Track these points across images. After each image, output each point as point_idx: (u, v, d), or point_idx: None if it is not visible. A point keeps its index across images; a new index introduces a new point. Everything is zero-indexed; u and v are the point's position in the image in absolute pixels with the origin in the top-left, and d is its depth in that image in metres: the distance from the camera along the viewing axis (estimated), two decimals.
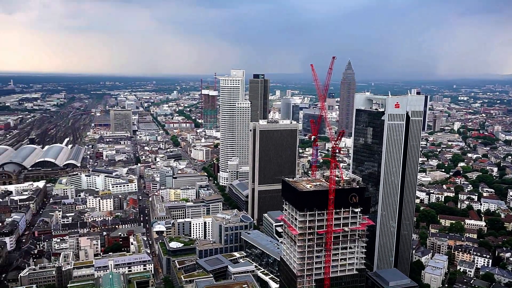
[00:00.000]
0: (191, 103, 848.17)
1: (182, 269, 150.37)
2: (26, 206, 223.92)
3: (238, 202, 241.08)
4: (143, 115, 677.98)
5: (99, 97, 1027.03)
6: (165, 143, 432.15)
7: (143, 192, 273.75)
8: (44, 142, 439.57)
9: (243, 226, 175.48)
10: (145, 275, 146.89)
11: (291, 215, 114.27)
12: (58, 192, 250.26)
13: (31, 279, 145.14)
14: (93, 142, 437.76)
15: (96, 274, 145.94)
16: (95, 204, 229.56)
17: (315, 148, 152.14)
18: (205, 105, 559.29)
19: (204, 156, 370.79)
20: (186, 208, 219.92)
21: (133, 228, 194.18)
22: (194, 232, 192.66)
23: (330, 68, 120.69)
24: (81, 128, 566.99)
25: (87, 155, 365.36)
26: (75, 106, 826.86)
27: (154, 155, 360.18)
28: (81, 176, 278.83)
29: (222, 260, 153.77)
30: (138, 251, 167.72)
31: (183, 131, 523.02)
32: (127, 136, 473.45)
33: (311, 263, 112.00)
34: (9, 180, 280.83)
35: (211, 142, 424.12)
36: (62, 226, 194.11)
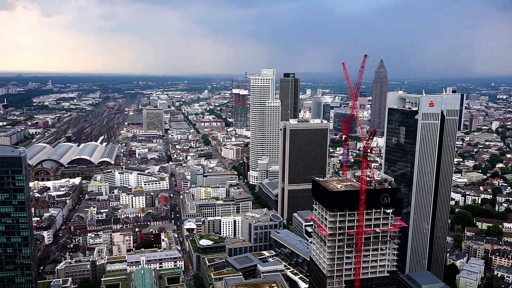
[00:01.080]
0: (222, 102, 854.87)
1: (212, 266, 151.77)
2: (63, 202, 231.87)
3: (268, 201, 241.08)
4: (174, 114, 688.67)
5: (132, 96, 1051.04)
6: (196, 142, 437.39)
7: (174, 190, 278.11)
8: (80, 140, 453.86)
9: (273, 225, 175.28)
10: (175, 272, 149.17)
11: (321, 215, 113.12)
12: (93, 189, 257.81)
13: (67, 272, 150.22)
14: (126, 140, 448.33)
15: (128, 269, 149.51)
16: (128, 201, 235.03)
17: (346, 148, 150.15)
18: (236, 104, 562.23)
19: (234, 155, 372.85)
20: (216, 207, 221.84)
21: (164, 225, 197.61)
22: (223, 230, 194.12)
23: (362, 66, 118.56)
24: (115, 126, 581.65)
25: (121, 153, 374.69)
26: (110, 105, 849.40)
27: (185, 154, 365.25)
28: (115, 173, 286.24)
29: (252, 258, 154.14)
30: (169, 247, 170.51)
31: (213, 130, 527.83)
32: (159, 134, 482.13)
33: (341, 264, 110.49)
34: (47, 177, 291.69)
35: (241, 141, 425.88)
36: (97, 221, 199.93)
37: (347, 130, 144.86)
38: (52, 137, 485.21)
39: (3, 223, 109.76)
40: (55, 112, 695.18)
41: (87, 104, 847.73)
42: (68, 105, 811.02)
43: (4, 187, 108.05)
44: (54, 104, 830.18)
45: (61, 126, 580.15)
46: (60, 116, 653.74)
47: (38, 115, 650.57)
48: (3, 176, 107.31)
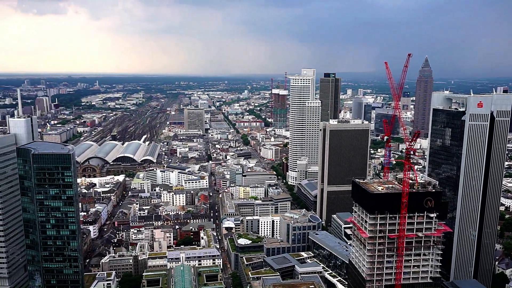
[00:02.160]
0: (262, 102, 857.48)
1: (250, 265, 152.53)
2: (108, 198, 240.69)
3: (307, 202, 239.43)
4: (215, 114, 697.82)
5: (174, 96, 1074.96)
6: (235, 142, 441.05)
7: (213, 188, 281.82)
8: (124, 138, 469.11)
9: (311, 226, 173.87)
10: (214, 269, 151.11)
11: (361, 217, 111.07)
12: (135, 186, 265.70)
13: (111, 265, 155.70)
14: (168, 139, 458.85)
15: (168, 265, 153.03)
16: (169, 199, 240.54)
17: (388, 149, 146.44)
18: (275, 104, 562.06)
19: (273, 155, 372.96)
20: (254, 206, 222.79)
21: (204, 223, 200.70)
22: (262, 230, 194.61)
23: (406, 65, 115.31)
24: (157, 126, 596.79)
25: (162, 152, 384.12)
26: (152, 105, 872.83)
27: (225, 153, 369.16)
28: (157, 171, 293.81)
29: (290, 259, 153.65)
30: (208, 245, 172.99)
31: (253, 130, 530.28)
32: (199, 134, 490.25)
33: (381, 268, 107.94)
34: (93, 173, 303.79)
35: (281, 141, 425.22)
36: (139, 218, 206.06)
37: (389, 131, 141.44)
38: (98, 136, 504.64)
39: (54, 216, 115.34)
40: (102, 112, 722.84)
41: (131, 104, 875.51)
42: (114, 105, 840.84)
43: (55, 183, 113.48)
44: (101, 103, 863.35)
45: (107, 125, 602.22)
46: (106, 115, 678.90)
47: (86, 114, 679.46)
48: (54, 172, 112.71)
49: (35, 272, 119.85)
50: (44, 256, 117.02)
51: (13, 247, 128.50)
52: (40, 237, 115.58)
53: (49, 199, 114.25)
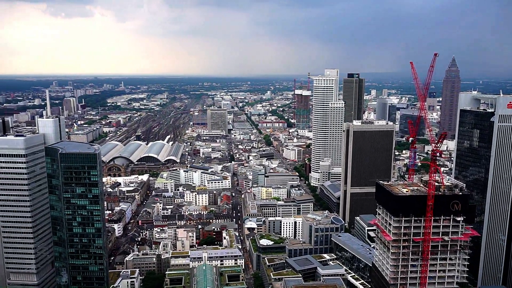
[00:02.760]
0: (284, 103, 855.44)
1: (272, 266, 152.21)
2: (132, 197, 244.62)
3: (329, 204, 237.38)
4: (237, 115, 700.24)
5: (197, 97, 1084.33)
6: (258, 142, 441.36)
7: (236, 189, 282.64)
8: (148, 138, 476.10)
9: (334, 228, 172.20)
10: (236, 269, 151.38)
11: (384, 219, 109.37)
12: (159, 186, 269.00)
13: (135, 263, 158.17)
14: (191, 139, 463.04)
15: (191, 264, 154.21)
16: (192, 199, 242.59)
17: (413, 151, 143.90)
18: (298, 105, 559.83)
19: (296, 156, 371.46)
20: (277, 207, 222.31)
21: (226, 223, 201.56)
22: (284, 231, 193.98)
23: (432, 65, 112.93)
24: (181, 126, 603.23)
25: (186, 152, 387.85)
26: (176, 105, 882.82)
27: (248, 154, 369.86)
28: (180, 171, 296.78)
29: (312, 261, 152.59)
30: (230, 245, 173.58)
31: (275, 130, 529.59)
32: (222, 134, 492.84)
33: (406, 271, 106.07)
34: (118, 173, 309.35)
35: (303, 142, 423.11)
36: (162, 217, 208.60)
37: (414, 132, 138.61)
38: (123, 136, 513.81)
39: (80, 214, 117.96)
40: (127, 112, 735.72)
41: (156, 104, 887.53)
42: (138, 105, 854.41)
43: (81, 181, 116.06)
44: (126, 104, 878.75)
45: (131, 125, 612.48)
46: (131, 116, 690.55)
47: (111, 114, 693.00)
48: (80, 171, 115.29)
49: (62, 269, 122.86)
50: (71, 253, 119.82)
51: (41, 243, 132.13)
52: (67, 235, 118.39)
53: (76, 197, 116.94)
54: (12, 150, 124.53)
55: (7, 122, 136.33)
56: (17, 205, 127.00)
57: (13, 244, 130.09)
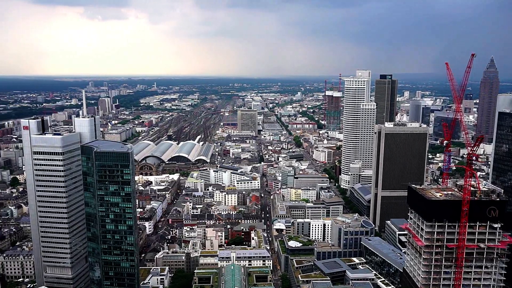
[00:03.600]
0: (315, 104, 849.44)
1: (300, 268, 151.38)
2: (163, 196, 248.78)
3: (359, 207, 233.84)
4: (267, 116, 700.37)
5: (228, 98, 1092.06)
6: (287, 143, 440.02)
7: (265, 190, 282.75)
8: (180, 138, 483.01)
9: (364, 231, 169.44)
10: (264, 270, 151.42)
11: (416, 224, 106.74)
12: (189, 185, 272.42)
13: (165, 261, 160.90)
14: (221, 140, 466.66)
15: (219, 264, 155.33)
16: (221, 198, 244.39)
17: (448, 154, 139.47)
18: (329, 106, 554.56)
19: (326, 157, 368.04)
20: (306, 209, 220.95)
21: (255, 224, 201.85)
22: (313, 233, 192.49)
23: (469, 66, 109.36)
24: (211, 126, 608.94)
25: (216, 152, 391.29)
26: (207, 106, 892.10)
27: (277, 155, 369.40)
28: (210, 171, 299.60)
29: (340, 264, 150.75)
30: (258, 246, 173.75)
31: (305, 132, 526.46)
32: (252, 135, 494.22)
33: (438, 278, 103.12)
34: (150, 172, 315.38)
35: (334, 144, 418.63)
36: (192, 216, 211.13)
37: (449, 135, 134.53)
38: (155, 135, 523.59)
39: (113, 212, 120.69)
40: (159, 112, 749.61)
41: (187, 105, 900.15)
42: (170, 106, 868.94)
43: (114, 180, 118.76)
44: (158, 104, 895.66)
45: (163, 125, 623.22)
46: (162, 116, 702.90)
47: (144, 114, 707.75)
48: (114, 170, 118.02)
49: (95, 264, 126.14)
50: (103, 249, 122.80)
51: (76, 239, 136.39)
52: (100, 231, 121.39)
53: (109, 195, 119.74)
54: (50, 148, 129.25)
55: (46, 121, 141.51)
56: (54, 201, 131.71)
57: (50, 238, 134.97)
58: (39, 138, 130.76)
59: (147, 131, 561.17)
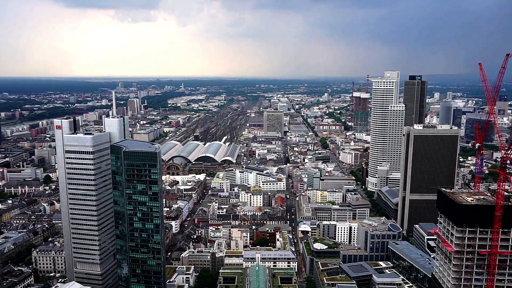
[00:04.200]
0: (342, 106, 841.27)
1: (325, 271, 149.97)
2: (189, 195, 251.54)
3: (387, 210, 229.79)
4: (294, 117, 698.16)
5: (254, 99, 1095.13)
6: (313, 145, 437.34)
7: (290, 191, 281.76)
8: (206, 139, 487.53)
9: (391, 235, 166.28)
10: (289, 272, 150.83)
11: (446, 229, 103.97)
12: (215, 185, 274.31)
13: (190, 260, 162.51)
14: (247, 141, 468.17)
15: (244, 264, 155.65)
16: (247, 199, 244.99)
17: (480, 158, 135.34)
18: (356, 107, 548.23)
19: (353, 159, 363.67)
20: (332, 211, 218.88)
21: (280, 225, 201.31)
22: (338, 236, 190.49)
23: (503, 66, 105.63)
24: (238, 127, 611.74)
25: (242, 153, 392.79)
26: (233, 107, 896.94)
27: (303, 156, 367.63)
28: (236, 172, 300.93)
29: (367, 267, 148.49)
30: (283, 247, 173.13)
31: (332, 133, 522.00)
32: (278, 136, 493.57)
33: (469, 285, 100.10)
34: (177, 171, 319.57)
35: (361, 146, 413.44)
36: (218, 216, 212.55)
37: (481, 138, 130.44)
38: (182, 136, 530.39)
39: (140, 210, 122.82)
40: (186, 113, 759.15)
41: (214, 105, 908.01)
42: (197, 107, 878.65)
43: (142, 179, 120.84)
44: (185, 105, 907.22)
45: (190, 125, 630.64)
46: (189, 117, 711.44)
47: (171, 115, 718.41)
48: (142, 169, 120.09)
49: (123, 261, 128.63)
50: (131, 247, 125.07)
51: (105, 236, 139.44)
52: (128, 229, 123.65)
53: (137, 193, 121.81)
54: (81, 147, 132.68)
55: (78, 121, 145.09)
56: (85, 199, 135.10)
57: (80, 235, 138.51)
58: (71, 138, 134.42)
59: (174, 131, 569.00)
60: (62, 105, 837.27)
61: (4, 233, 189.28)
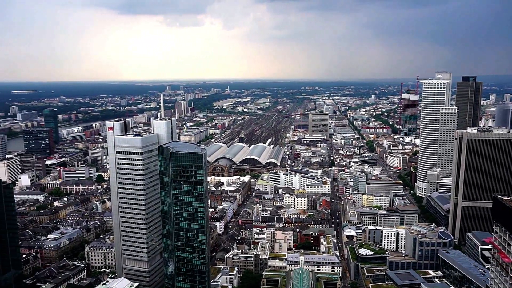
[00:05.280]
0: (389, 108, 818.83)
1: (371, 277, 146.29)
2: (234, 197, 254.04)
3: (437, 216, 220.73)
4: (339, 119, 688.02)
5: (299, 101, 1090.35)
6: (360, 148, 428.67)
7: (335, 194, 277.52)
8: (251, 141, 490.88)
9: (441, 243, 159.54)
10: (333, 277, 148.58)
11: (503, 239, 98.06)
12: (259, 187, 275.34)
13: (234, 261, 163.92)
14: (292, 143, 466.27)
15: (287, 267, 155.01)
16: (291, 202, 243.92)
17: None
18: (404, 110, 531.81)
19: (401, 163, 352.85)
20: (378, 216, 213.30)
21: (324, 229, 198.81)
22: (385, 242, 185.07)
23: None
24: (282, 130, 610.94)
25: (286, 155, 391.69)
26: (278, 109, 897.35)
27: (348, 159, 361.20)
28: (280, 174, 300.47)
29: (415, 276, 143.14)
30: (327, 252, 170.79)
31: (379, 136, 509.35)
32: (323, 139, 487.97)
33: None
34: (222, 173, 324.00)
35: (409, 149, 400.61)
36: (261, 218, 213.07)
37: None
38: (227, 138, 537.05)
39: (186, 210, 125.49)
40: (231, 115, 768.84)
41: (259, 108, 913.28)
42: (242, 109, 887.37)
43: (188, 180, 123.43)
44: (231, 107, 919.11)
45: (235, 127, 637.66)
46: (235, 119, 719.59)
47: (217, 117, 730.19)
48: (188, 170, 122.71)
49: (169, 259, 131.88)
50: (177, 246, 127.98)
51: (152, 234, 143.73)
52: (174, 228, 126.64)
53: (183, 194, 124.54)
54: (131, 148, 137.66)
55: (128, 123, 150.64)
56: (134, 198, 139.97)
57: (129, 233, 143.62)
58: (121, 139, 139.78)
59: (219, 133, 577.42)
60: (114, 108, 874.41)
61: (60, 229, 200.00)
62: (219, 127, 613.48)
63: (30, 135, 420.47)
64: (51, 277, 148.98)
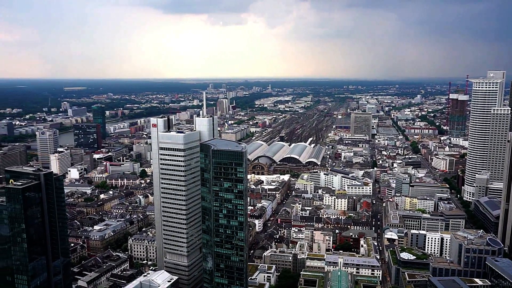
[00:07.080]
0: (436, 108, 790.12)
1: (412, 283, 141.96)
2: (273, 195, 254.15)
3: (485, 222, 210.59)
4: (383, 119, 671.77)
5: (341, 100, 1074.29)
6: (403, 149, 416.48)
7: (377, 196, 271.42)
8: (291, 140, 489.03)
9: (490, 250, 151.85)
10: (372, 280, 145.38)
11: None
12: (299, 186, 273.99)
13: (272, 259, 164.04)
14: (333, 143, 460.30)
15: (326, 268, 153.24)
16: (331, 202, 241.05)
17: None
18: (452, 110, 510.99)
19: (447, 166, 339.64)
20: (422, 220, 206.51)
21: (364, 231, 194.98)
22: (428, 247, 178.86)
23: None
24: (323, 129, 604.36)
25: (327, 155, 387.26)
26: (320, 108, 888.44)
27: (392, 161, 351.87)
28: (320, 174, 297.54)
29: (460, 284, 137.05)
30: (367, 254, 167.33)
31: (424, 137, 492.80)
32: (365, 139, 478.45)
33: None
34: (261, 171, 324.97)
35: (457, 152, 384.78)
36: (300, 218, 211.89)
37: None
38: (268, 136, 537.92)
39: (226, 207, 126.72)
40: (272, 114, 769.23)
41: (300, 107, 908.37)
42: (283, 108, 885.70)
43: (228, 177, 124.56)
44: (272, 106, 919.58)
45: (276, 126, 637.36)
46: (276, 117, 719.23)
47: (258, 115, 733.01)
48: (228, 167, 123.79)
49: (208, 255, 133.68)
50: (216, 242, 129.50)
51: (192, 230, 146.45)
52: (214, 224, 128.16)
53: (223, 191, 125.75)
54: (173, 144, 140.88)
55: (171, 120, 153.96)
56: (175, 193, 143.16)
57: (170, 227, 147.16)
58: (165, 135, 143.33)
59: (260, 131, 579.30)
60: (158, 105, 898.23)
61: (105, 221, 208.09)
62: (259, 126, 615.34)
63: (80, 130, 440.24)
64: (96, 266, 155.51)
